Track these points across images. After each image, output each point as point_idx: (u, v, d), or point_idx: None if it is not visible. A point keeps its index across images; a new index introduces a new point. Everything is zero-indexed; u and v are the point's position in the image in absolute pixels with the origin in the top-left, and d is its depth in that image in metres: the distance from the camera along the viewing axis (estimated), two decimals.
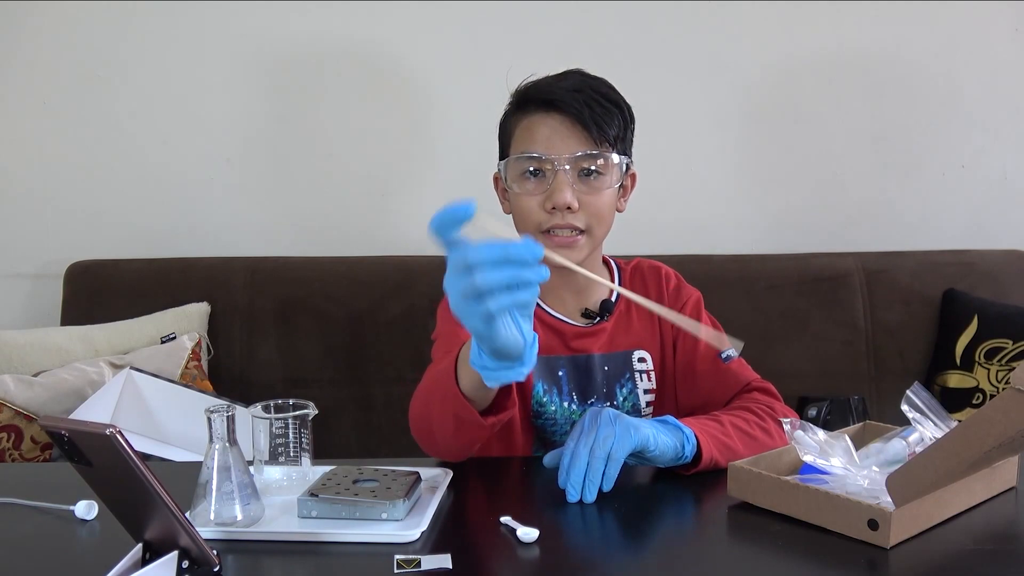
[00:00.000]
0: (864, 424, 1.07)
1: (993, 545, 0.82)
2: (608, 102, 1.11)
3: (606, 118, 1.10)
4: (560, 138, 1.10)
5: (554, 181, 1.09)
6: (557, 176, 1.09)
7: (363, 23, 2.09)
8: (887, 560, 0.78)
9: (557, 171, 1.09)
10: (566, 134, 1.10)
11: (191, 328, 1.92)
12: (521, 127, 1.14)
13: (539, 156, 1.10)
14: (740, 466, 0.92)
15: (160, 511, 0.70)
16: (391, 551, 0.80)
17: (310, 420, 0.98)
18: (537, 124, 1.12)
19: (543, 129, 1.11)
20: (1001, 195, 2.17)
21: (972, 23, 2.10)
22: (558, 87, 1.12)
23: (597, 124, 1.09)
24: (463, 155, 2.14)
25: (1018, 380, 0.69)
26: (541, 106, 1.12)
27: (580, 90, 1.10)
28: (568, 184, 1.09)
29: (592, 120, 1.09)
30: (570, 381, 1.17)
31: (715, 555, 0.85)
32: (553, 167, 1.09)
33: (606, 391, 1.18)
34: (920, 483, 0.79)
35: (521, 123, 1.14)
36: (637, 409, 1.19)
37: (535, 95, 1.13)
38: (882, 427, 1.03)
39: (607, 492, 0.92)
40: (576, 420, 1.14)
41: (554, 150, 1.09)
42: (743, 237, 2.14)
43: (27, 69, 2.09)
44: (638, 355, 1.20)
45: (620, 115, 1.12)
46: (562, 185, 1.08)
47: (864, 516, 0.80)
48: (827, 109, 2.14)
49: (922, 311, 2.00)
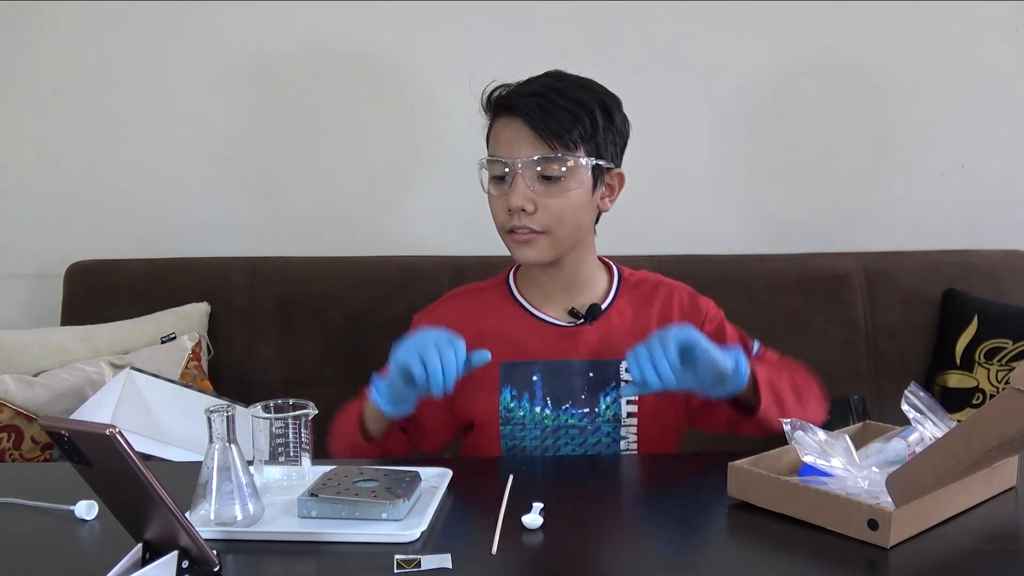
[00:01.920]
0: (864, 424, 1.07)
1: (992, 545, 0.82)
2: (574, 103, 1.11)
3: (566, 121, 1.10)
4: (519, 141, 1.11)
5: (512, 183, 1.11)
6: (515, 179, 1.11)
7: (364, 23, 2.09)
8: (887, 560, 0.78)
9: (515, 174, 1.11)
10: (525, 137, 1.11)
11: (191, 328, 1.92)
12: (492, 132, 1.17)
13: (499, 160, 1.12)
14: (740, 466, 0.92)
15: (160, 511, 0.71)
16: (391, 551, 0.80)
17: (310, 420, 0.98)
18: (500, 128, 1.14)
19: (505, 133, 1.13)
20: (1001, 195, 2.16)
21: (972, 23, 2.10)
22: (519, 91, 1.14)
23: (552, 128, 1.09)
24: (463, 155, 2.13)
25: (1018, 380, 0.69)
26: (503, 111, 1.14)
27: (542, 94, 1.11)
28: (523, 187, 1.10)
29: (545, 123, 1.09)
30: (545, 386, 1.17)
31: (715, 554, 0.85)
32: (512, 170, 1.11)
33: (585, 397, 1.17)
34: (920, 483, 0.79)
35: (491, 128, 1.17)
36: (619, 419, 1.17)
37: (497, 100, 1.16)
38: (882, 427, 1.04)
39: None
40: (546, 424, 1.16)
41: (513, 153, 1.11)
42: (743, 237, 2.14)
43: (27, 69, 2.09)
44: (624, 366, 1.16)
45: (588, 117, 1.11)
46: (516, 187, 1.10)
47: (864, 516, 0.80)
48: (827, 109, 2.13)
49: (922, 311, 2.00)
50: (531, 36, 2.07)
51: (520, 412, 1.17)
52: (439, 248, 2.07)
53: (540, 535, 0.85)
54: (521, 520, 0.86)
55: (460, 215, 2.14)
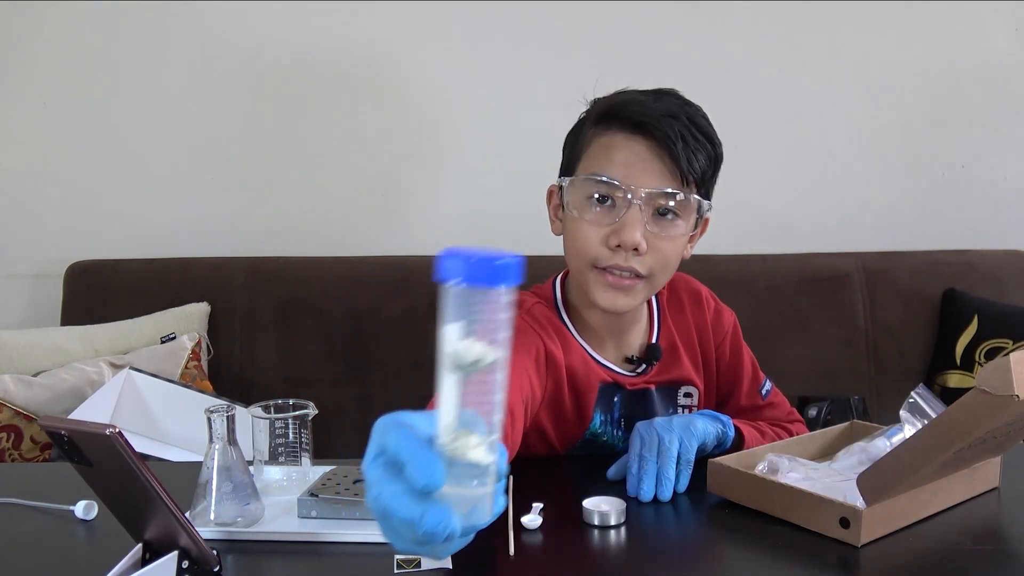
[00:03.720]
0: (851, 423, 1.08)
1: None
2: (702, 135, 0.98)
3: (697, 153, 0.96)
4: (643, 167, 0.95)
5: (625, 215, 0.95)
6: (630, 210, 0.95)
7: (364, 24, 2.09)
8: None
9: (631, 204, 0.95)
10: (650, 164, 0.95)
11: (191, 328, 1.92)
12: (597, 144, 0.99)
13: (614, 182, 0.95)
14: (719, 463, 0.92)
15: (160, 511, 0.70)
16: (391, 551, 0.80)
17: (310, 420, 0.98)
18: (618, 146, 0.97)
19: (624, 153, 0.96)
20: (1001, 195, 2.16)
21: (972, 23, 2.10)
22: (652, 108, 0.97)
23: (687, 158, 0.95)
24: (463, 155, 2.14)
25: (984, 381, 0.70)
26: (627, 126, 0.97)
27: (676, 116, 0.96)
28: (640, 222, 0.95)
29: (683, 152, 0.95)
30: (622, 408, 1.09)
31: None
32: (627, 198, 0.95)
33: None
34: (890, 482, 0.79)
35: (598, 140, 0.99)
36: None
37: (623, 112, 0.98)
38: (869, 427, 1.04)
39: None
40: (618, 447, 1.09)
41: (633, 180, 0.95)
42: (743, 237, 2.14)
43: (27, 69, 2.09)
44: (684, 390, 1.13)
45: (713, 151, 0.99)
46: (634, 222, 0.94)
47: (836, 514, 0.80)
48: (827, 109, 2.14)
49: (922, 311, 2.00)
50: (532, 38, 2.07)
51: (604, 437, 1.08)
52: (439, 248, 2.06)
53: (540, 535, 0.85)
54: (520, 520, 0.86)
55: (460, 215, 2.14)
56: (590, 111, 1.03)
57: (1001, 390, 0.69)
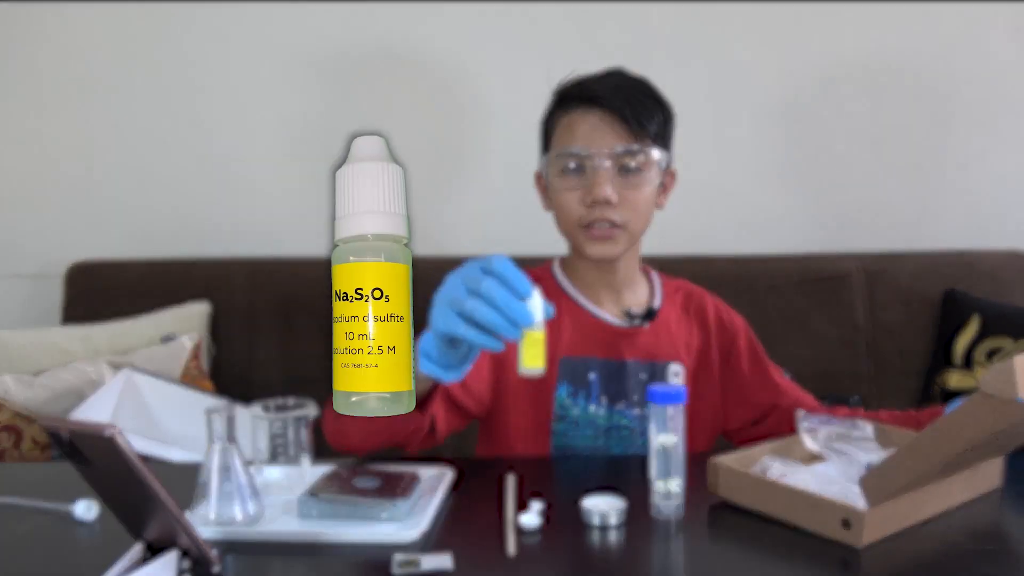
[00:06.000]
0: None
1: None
2: (648, 98, 1.12)
3: (646, 113, 1.10)
4: (600, 134, 1.09)
5: (595, 176, 1.09)
6: (597, 171, 1.08)
7: (363, 24, 2.09)
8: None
9: (597, 165, 1.08)
10: (606, 129, 1.09)
11: (191, 328, 1.92)
12: (562, 124, 1.13)
13: (579, 152, 1.10)
14: (720, 463, 0.92)
15: (160, 511, 0.70)
16: (391, 551, 0.80)
17: (310, 420, 0.98)
18: (578, 120, 1.11)
19: (583, 125, 1.11)
20: (1001, 195, 2.16)
21: (972, 23, 2.10)
22: (600, 84, 1.12)
23: (637, 119, 1.09)
24: (462, 155, 2.14)
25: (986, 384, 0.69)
26: (583, 102, 1.11)
27: (621, 87, 1.11)
28: (608, 179, 1.08)
29: (632, 115, 1.08)
30: (601, 384, 1.16)
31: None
32: (593, 162, 1.09)
33: (638, 398, 1.17)
34: (892, 484, 0.79)
35: (562, 120, 1.14)
36: None
37: (576, 92, 1.13)
38: None
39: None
40: (599, 424, 1.15)
41: (594, 145, 1.09)
42: (743, 237, 2.14)
43: (27, 70, 2.09)
44: (673, 368, 1.19)
45: (661, 111, 1.13)
46: (602, 179, 1.08)
47: (838, 515, 0.80)
48: (827, 109, 2.14)
49: (922, 311, 2.00)
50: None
51: (575, 410, 1.15)
52: (439, 248, 2.06)
53: (539, 535, 0.85)
54: (520, 520, 0.86)
55: (460, 215, 2.14)
56: (552, 98, 1.17)
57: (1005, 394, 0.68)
